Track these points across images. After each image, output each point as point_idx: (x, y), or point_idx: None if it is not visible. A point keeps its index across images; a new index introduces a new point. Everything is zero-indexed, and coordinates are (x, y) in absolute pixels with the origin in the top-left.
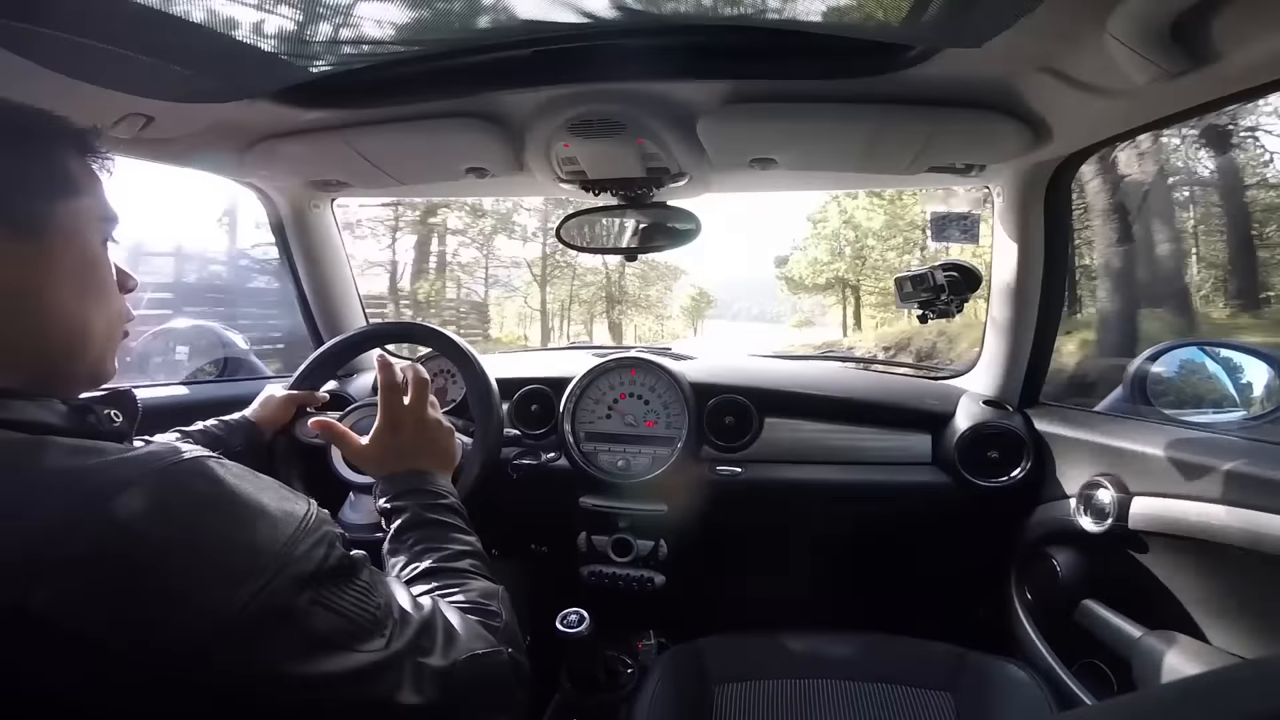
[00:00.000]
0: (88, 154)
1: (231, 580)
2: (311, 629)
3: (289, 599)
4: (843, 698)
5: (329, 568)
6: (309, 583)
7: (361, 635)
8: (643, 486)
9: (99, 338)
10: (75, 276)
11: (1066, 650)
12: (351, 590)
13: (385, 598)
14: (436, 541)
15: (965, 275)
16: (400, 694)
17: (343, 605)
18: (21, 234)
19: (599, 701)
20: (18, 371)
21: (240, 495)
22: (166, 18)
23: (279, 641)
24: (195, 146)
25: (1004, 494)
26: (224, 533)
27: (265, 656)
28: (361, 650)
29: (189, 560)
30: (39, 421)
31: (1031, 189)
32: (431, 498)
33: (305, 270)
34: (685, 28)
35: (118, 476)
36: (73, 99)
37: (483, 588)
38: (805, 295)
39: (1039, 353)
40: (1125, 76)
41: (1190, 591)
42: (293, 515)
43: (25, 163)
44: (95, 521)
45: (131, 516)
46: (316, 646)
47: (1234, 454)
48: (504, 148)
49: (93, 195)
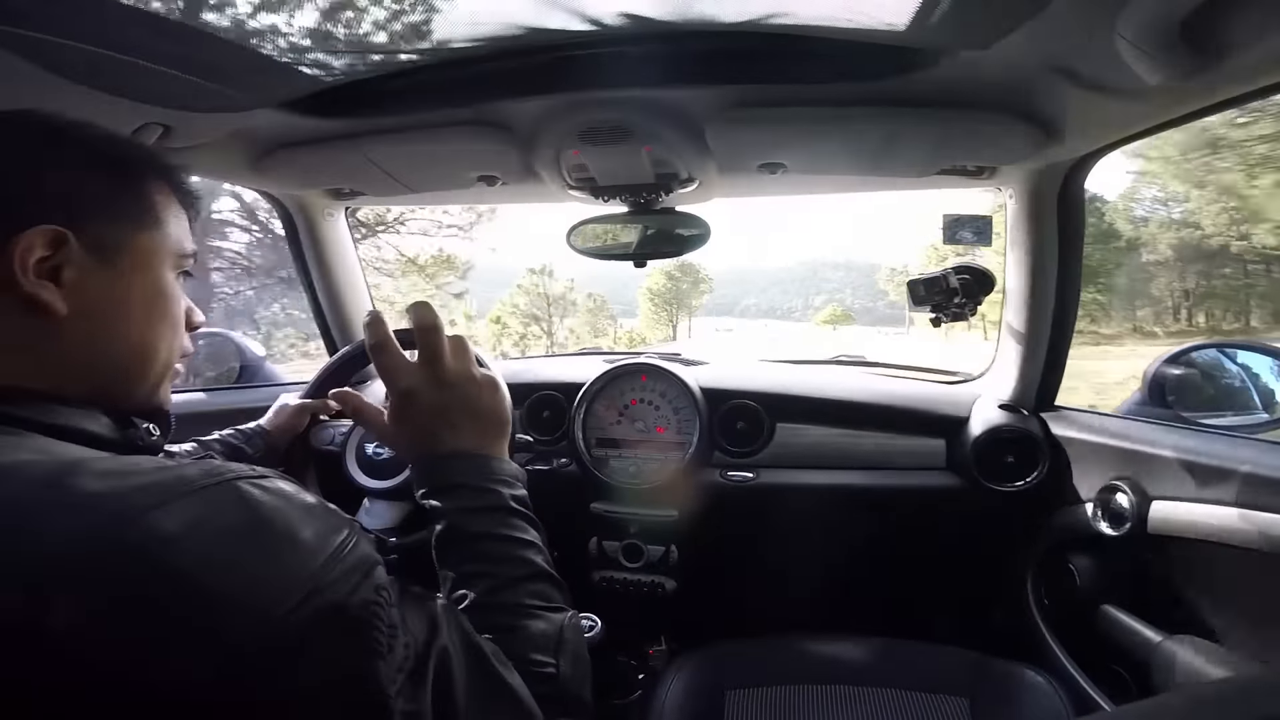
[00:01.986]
0: (174, 188)
1: (255, 612)
2: (331, 660)
3: (312, 629)
4: (857, 703)
5: (359, 601)
6: (336, 618)
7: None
8: (653, 492)
9: (158, 369)
10: (145, 307)
11: (1085, 656)
12: (376, 629)
13: (410, 636)
14: (488, 563)
15: (979, 278)
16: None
17: (365, 641)
18: (101, 258)
19: (611, 707)
20: (77, 390)
21: (274, 522)
22: (184, 28)
23: (298, 669)
24: (211, 155)
25: (1020, 498)
26: (254, 560)
27: (288, 681)
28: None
29: (212, 588)
30: (84, 430)
31: (1044, 191)
32: (475, 496)
33: (319, 278)
34: (693, 34)
35: (153, 494)
36: (91, 109)
37: (540, 632)
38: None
39: (1054, 356)
40: (1135, 77)
41: (1210, 596)
42: (327, 545)
43: (116, 191)
44: (125, 539)
45: (161, 536)
46: (335, 680)
47: (1254, 457)
48: (514, 155)
49: (173, 228)
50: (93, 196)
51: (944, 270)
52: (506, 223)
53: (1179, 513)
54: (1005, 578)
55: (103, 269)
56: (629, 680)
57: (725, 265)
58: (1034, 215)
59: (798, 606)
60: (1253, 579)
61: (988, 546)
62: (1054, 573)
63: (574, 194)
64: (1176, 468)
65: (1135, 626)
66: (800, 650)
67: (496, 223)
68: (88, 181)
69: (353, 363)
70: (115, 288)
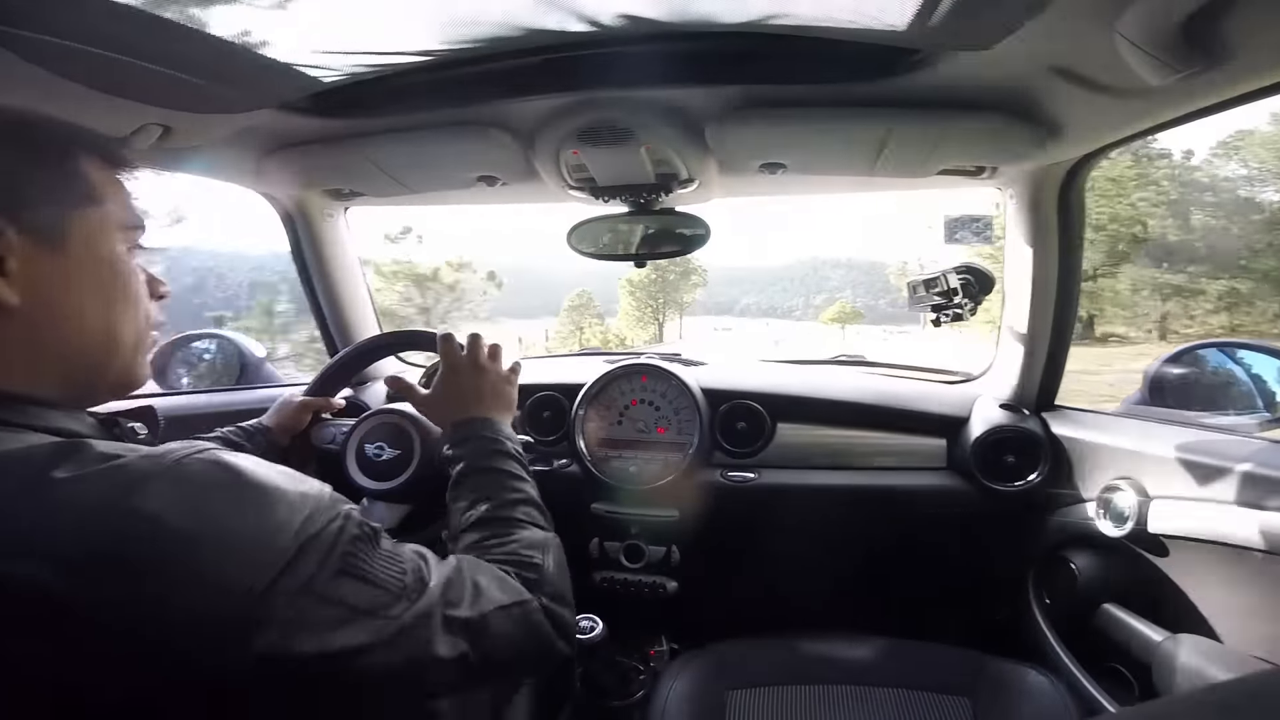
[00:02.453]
0: (109, 162)
1: (254, 562)
2: (342, 599)
3: (315, 573)
4: (858, 703)
5: (350, 537)
6: (331, 554)
7: (392, 599)
8: (654, 492)
9: (127, 344)
10: (100, 284)
11: (1086, 655)
12: (377, 558)
13: (411, 562)
14: (491, 489)
15: (978, 277)
16: (433, 649)
17: (370, 571)
18: (44, 243)
19: (612, 708)
20: (50, 379)
21: (254, 480)
22: (184, 29)
23: (314, 616)
24: (211, 156)
25: (1021, 498)
26: (242, 517)
27: (303, 633)
28: (393, 613)
29: (210, 546)
30: (69, 430)
31: (1045, 191)
32: (490, 444)
33: (319, 279)
34: (693, 34)
35: (137, 472)
36: (91, 109)
37: (529, 538)
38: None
39: (1054, 355)
40: (1136, 77)
41: (1211, 595)
42: (308, 495)
43: (45, 172)
44: (117, 517)
45: (151, 509)
46: (350, 615)
47: (1255, 456)
48: (514, 156)
49: (116, 203)
50: (22, 183)
51: (943, 270)
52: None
53: (1180, 512)
54: (1006, 577)
55: (48, 254)
56: (630, 681)
57: (724, 263)
58: (1034, 215)
59: (799, 606)
60: (1254, 577)
61: (989, 546)
62: (1055, 572)
63: (574, 194)
64: (1177, 467)
65: (1136, 626)
66: (802, 650)
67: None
68: (13, 168)
69: (355, 362)
70: (65, 271)
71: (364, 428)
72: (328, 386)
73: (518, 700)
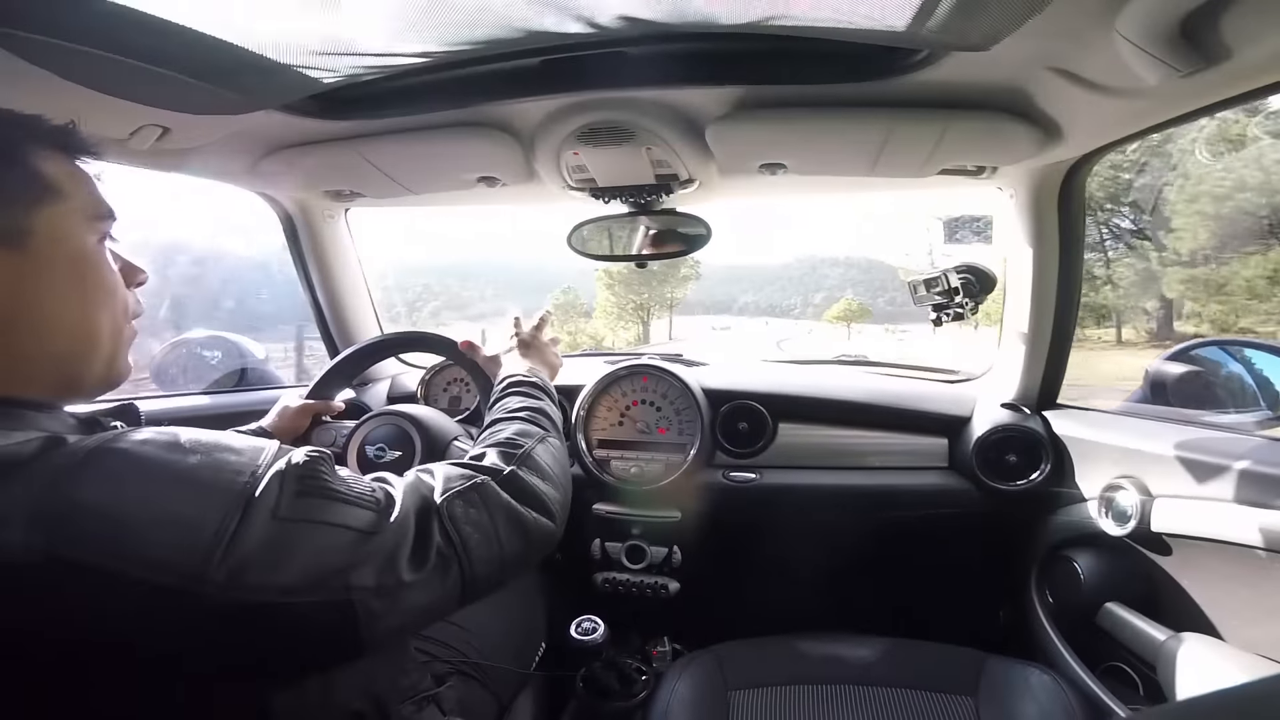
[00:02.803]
0: (66, 151)
1: (220, 501)
2: (311, 517)
3: (277, 499)
4: (861, 703)
5: (304, 461)
6: (288, 480)
7: (357, 510)
8: (655, 493)
9: (106, 337)
10: (71, 280)
11: (1089, 654)
12: (334, 477)
13: (370, 480)
14: (509, 400)
15: (979, 277)
16: (409, 557)
17: (331, 488)
18: (6, 247)
19: (614, 709)
20: (34, 381)
21: (209, 439)
22: (182, 30)
23: (289, 540)
24: (210, 157)
25: (1023, 497)
26: (202, 467)
27: (286, 559)
28: (362, 525)
29: (177, 494)
30: (50, 430)
31: (1045, 190)
32: (523, 376)
33: (319, 280)
34: (693, 35)
35: (86, 450)
36: (89, 110)
37: (525, 429)
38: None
39: (1055, 354)
40: (1135, 76)
41: (1214, 594)
42: (259, 445)
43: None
44: (70, 492)
45: (98, 478)
46: (322, 532)
47: (1257, 454)
48: (514, 156)
49: (79, 195)
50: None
51: (944, 270)
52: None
53: (1183, 510)
54: (1009, 576)
55: (11, 255)
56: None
57: (721, 261)
58: (1035, 214)
59: (801, 607)
60: (1256, 576)
61: (991, 545)
62: (1058, 571)
63: (574, 195)
64: (1179, 465)
65: (1140, 625)
66: (804, 650)
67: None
68: None
69: (354, 365)
70: (32, 269)
71: (365, 429)
72: (328, 388)
73: (521, 701)
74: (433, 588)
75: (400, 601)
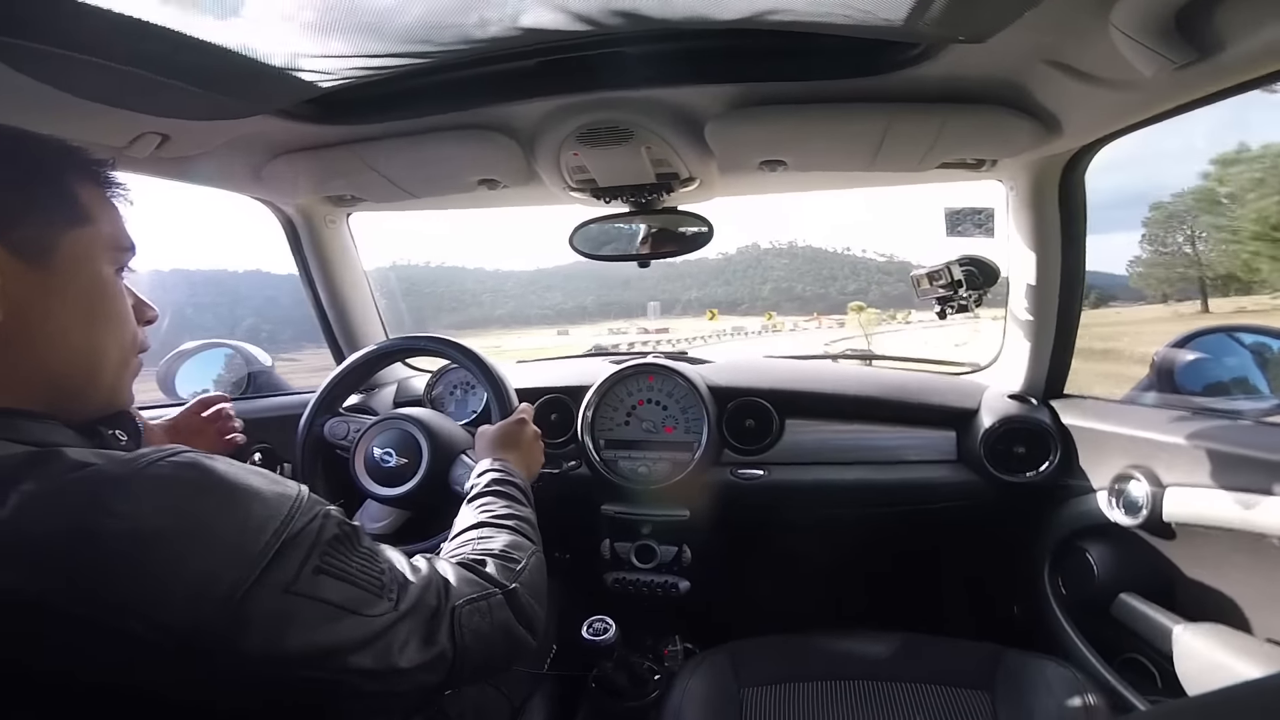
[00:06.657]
0: (101, 184)
1: (234, 562)
2: (323, 597)
3: (296, 573)
4: (875, 698)
5: (330, 536)
6: (312, 553)
7: (371, 598)
8: (663, 492)
9: (111, 366)
10: (85, 305)
11: (1105, 645)
12: (355, 557)
13: (387, 562)
14: (494, 505)
15: (983, 269)
16: (412, 648)
17: (349, 571)
18: (29, 261)
19: (627, 709)
20: (33, 396)
21: (229, 481)
22: (180, 37)
23: (298, 614)
24: (210, 164)
25: (1033, 489)
26: (218, 517)
27: (290, 631)
28: (373, 613)
29: (187, 547)
30: (48, 440)
31: (1044, 182)
32: (507, 475)
33: (323, 286)
34: (690, 33)
35: (107, 477)
36: (88, 119)
37: (515, 541)
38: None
39: (1061, 345)
40: (1131, 68)
41: (1229, 582)
42: (285, 496)
43: (35, 191)
44: (90, 522)
45: (123, 511)
46: (331, 614)
47: (1266, 441)
48: (514, 158)
49: (105, 224)
50: (12, 201)
51: (947, 262)
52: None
53: (1194, 499)
54: (1021, 569)
55: (33, 271)
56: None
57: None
58: (1035, 206)
59: (813, 603)
60: (1270, 564)
61: (1002, 538)
62: (1070, 563)
63: (575, 195)
64: (1189, 454)
65: (1155, 615)
66: (816, 647)
67: None
68: (5, 186)
69: (361, 372)
70: (49, 288)
71: (374, 432)
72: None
73: (533, 702)
74: (422, 679)
75: (391, 685)
